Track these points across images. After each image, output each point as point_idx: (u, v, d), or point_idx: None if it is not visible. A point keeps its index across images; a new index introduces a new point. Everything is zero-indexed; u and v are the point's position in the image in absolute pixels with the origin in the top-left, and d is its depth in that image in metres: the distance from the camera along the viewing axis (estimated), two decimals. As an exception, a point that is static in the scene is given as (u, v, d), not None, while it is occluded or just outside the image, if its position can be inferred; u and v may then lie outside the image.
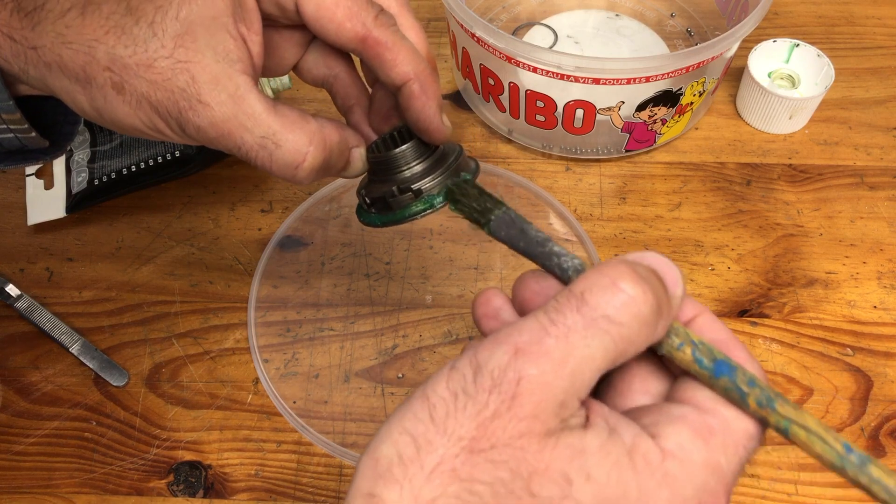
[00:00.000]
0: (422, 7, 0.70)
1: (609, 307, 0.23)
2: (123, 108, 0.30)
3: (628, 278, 0.24)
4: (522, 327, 0.23)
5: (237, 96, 0.30)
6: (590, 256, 0.53)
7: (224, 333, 0.51)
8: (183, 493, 0.45)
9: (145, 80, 0.30)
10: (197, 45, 0.29)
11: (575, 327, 0.23)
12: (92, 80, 0.30)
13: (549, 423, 0.22)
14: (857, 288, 0.52)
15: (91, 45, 0.29)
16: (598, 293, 0.24)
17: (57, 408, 0.48)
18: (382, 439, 0.23)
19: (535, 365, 0.22)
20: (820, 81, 0.60)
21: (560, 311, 0.23)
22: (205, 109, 0.30)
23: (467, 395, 0.23)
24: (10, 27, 0.30)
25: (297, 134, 0.31)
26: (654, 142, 0.58)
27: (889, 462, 0.45)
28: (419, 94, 0.32)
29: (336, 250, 0.55)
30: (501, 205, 0.30)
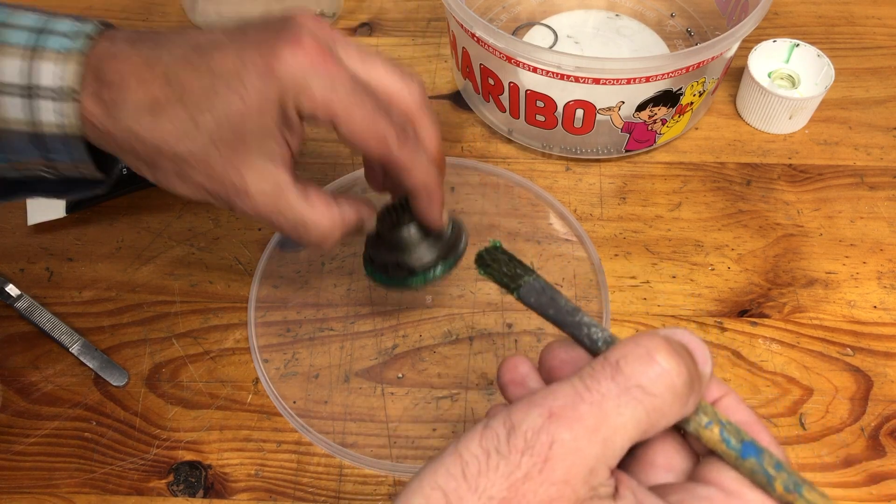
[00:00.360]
0: (422, 7, 0.70)
1: (644, 377, 0.24)
2: (182, 188, 0.37)
3: (664, 351, 0.25)
4: (557, 392, 0.24)
5: (278, 190, 0.36)
6: (589, 256, 0.53)
7: (224, 333, 0.51)
8: (183, 493, 0.45)
9: (202, 173, 0.35)
10: (248, 149, 0.35)
11: (609, 395, 0.24)
12: (158, 166, 0.36)
13: (579, 489, 0.23)
14: (857, 288, 0.52)
15: (159, 144, 0.35)
16: (633, 363, 0.24)
17: (57, 408, 0.48)
18: (413, 492, 0.24)
19: (568, 430, 0.23)
20: (820, 81, 0.60)
21: (595, 378, 0.24)
22: (250, 199, 0.36)
23: (500, 455, 0.23)
24: (92, 115, 0.34)
25: (323, 220, 0.38)
26: (654, 142, 0.58)
27: (889, 462, 0.45)
28: (426, 202, 0.40)
29: (336, 250, 0.55)
30: (531, 271, 0.32)
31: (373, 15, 0.69)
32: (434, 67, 0.65)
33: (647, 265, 0.54)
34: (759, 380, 0.49)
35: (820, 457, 0.46)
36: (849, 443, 0.46)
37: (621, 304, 0.52)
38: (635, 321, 0.51)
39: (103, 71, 0.34)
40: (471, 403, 0.48)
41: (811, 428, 0.47)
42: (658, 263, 0.54)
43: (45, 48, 0.34)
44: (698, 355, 0.26)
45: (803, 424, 0.47)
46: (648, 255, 0.54)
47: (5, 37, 0.34)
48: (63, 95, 0.34)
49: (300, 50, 0.34)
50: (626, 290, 0.52)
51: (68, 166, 0.37)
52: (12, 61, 0.34)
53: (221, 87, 0.34)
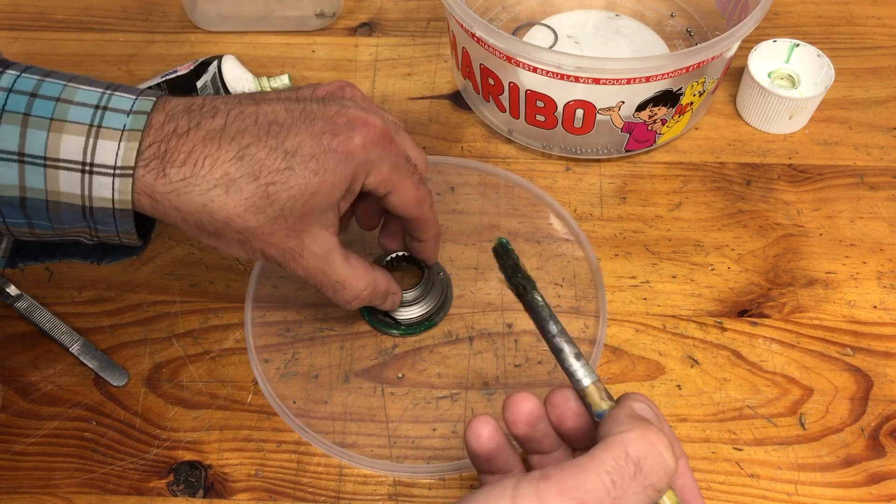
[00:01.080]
0: (422, 7, 0.70)
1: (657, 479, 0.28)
2: (238, 253, 0.39)
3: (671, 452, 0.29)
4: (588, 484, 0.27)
5: (326, 255, 0.40)
6: (587, 256, 0.53)
7: (224, 333, 0.51)
8: (183, 493, 0.45)
9: (266, 242, 0.38)
10: (311, 220, 0.39)
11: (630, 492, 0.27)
12: (222, 236, 0.38)
13: None
14: (857, 288, 0.52)
15: (231, 218, 0.37)
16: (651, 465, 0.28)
17: (57, 408, 0.48)
18: None
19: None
20: (820, 81, 0.60)
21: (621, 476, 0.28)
22: (303, 261, 0.40)
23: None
24: (153, 190, 0.36)
25: (360, 281, 0.42)
26: (654, 142, 0.58)
27: (889, 462, 0.45)
28: (432, 247, 0.47)
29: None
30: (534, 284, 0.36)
31: (373, 15, 0.69)
32: (434, 67, 0.65)
33: (647, 265, 0.54)
34: (759, 380, 0.49)
35: (820, 457, 0.46)
36: (849, 443, 0.46)
37: (621, 303, 0.52)
38: (635, 321, 0.51)
39: (169, 151, 0.36)
40: (471, 403, 0.48)
41: (811, 428, 0.47)
42: (658, 263, 0.54)
43: (104, 126, 0.35)
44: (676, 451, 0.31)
45: (803, 424, 0.47)
46: (648, 255, 0.54)
47: (68, 114, 0.35)
48: (120, 172, 0.35)
49: (371, 132, 0.38)
50: (626, 290, 0.52)
51: (111, 235, 0.38)
52: (75, 139, 0.35)
53: (298, 166, 0.37)
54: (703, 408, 0.48)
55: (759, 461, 0.46)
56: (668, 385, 0.48)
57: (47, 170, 0.35)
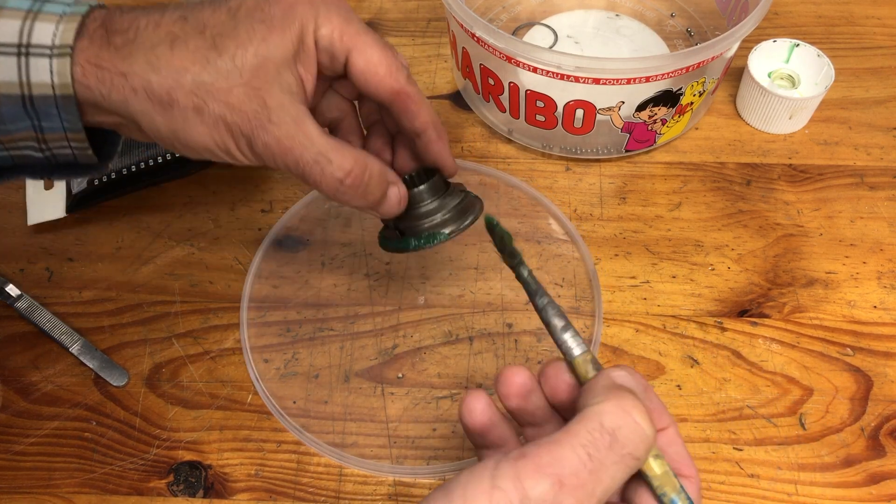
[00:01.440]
0: (422, 7, 0.70)
1: (634, 447, 0.28)
2: (201, 129, 0.35)
3: (647, 419, 0.29)
4: (564, 460, 0.27)
5: (298, 120, 0.36)
6: (583, 256, 0.53)
7: (224, 333, 0.51)
8: (183, 493, 0.45)
9: (224, 103, 0.35)
10: (268, 77, 0.35)
11: (607, 462, 0.28)
12: (175, 102, 0.35)
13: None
14: (857, 288, 0.52)
15: (179, 73, 0.34)
16: (626, 434, 0.28)
17: (57, 408, 0.48)
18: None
19: (574, 498, 0.27)
20: (820, 81, 0.60)
21: (596, 448, 0.28)
22: (273, 128, 0.35)
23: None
24: (99, 58, 0.34)
25: (345, 154, 0.37)
26: (654, 142, 0.58)
27: (889, 462, 0.45)
28: (436, 140, 0.41)
29: (336, 250, 0.55)
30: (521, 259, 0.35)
31: (373, 15, 0.69)
32: (434, 67, 0.65)
33: (647, 265, 0.54)
34: (759, 380, 0.49)
35: (820, 457, 0.46)
36: (849, 443, 0.46)
37: (621, 304, 0.52)
38: (635, 321, 0.51)
39: (113, 21, 0.34)
40: (471, 403, 0.48)
41: (811, 428, 0.47)
42: (658, 263, 0.54)
43: (44, 11, 0.34)
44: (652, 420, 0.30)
45: (803, 424, 0.47)
46: (648, 255, 0.54)
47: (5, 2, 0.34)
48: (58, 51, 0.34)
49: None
50: (626, 290, 0.52)
51: (59, 139, 0.36)
52: (10, 22, 0.34)
53: (243, 17, 0.35)
54: (703, 408, 0.48)
55: (759, 461, 0.46)
56: (668, 385, 0.48)
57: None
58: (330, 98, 0.43)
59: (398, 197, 0.41)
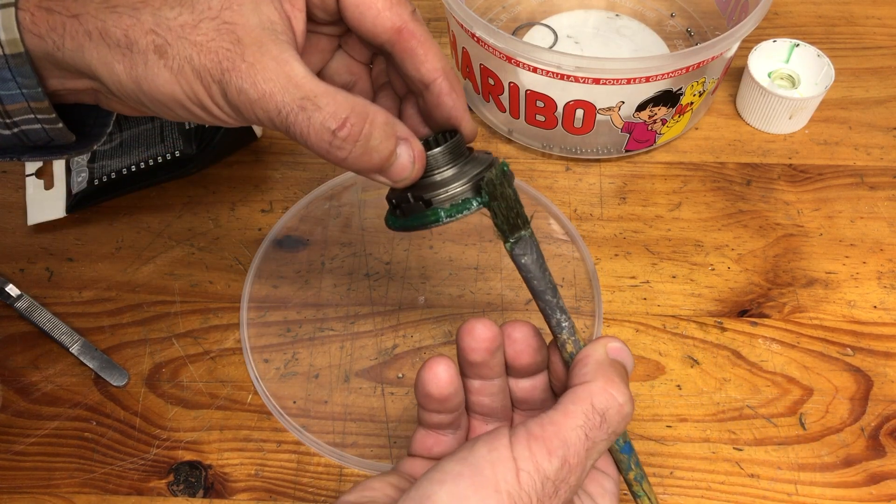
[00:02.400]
0: (422, 7, 0.70)
1: (617, 425, 0.31)
2: (164, 74, 0.30)
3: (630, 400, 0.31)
4: (569, 441, 0.29)
5: (280, 60, 0.30)
6: (582, 256, 0.53)
7: (224, 333, 0.51)
8: (183, 493, 0.45)
9: (189, 41, 0.29)
10: (243, 10, 0.30)
11: (597, 441, 0.30)
12: (134, 44, 0.29)
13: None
14: (857, 288, 0.52)
15: (136, 8, 0.29)
16: (614, 415, 0.30)
17: (57, 408, 0.48)
18: None
19: (575, 475, 0.29)
20: (820, 81, 0.60)
21: (591, 428, 0.30)
22: (249, 69, 0.29)
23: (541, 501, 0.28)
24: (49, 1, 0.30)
25: (339, 99, 0.30)
26: (654, 142, 0.58)
27: (889, 462, 0.45)
28: (449, 91, 0.33)
29: (336, 250, 0.55)
30: (528, 224, 0.32)
31: (373, 15, 0.69)
32: (434, 67, 0.65)
33: (647, 265, 0.54)
34: (759, 380, 0.49)
35: (820, 457, 0.46)
36: (849, 443, 0.46)
37: (621, 303, 0.52)
38: (635, 321, 0.51)
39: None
40: (471, 403, 0.48)
41: (811, 428, 0.47)
42: (658, 263, 0.54)
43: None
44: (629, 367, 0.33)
45: (803, 424, 0.47)
46: (648, 255, 0.54)
47: None
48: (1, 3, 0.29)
49: None
50: (626, 290, 0.52)
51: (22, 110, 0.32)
52: None
53: None
54: (703, 408, 0.48)
55: (759, 461, 0.46)
56: (668, 385, 0.48)
57: None
58: (339, 60, 0.37)
59: (411, 156, 0.32)
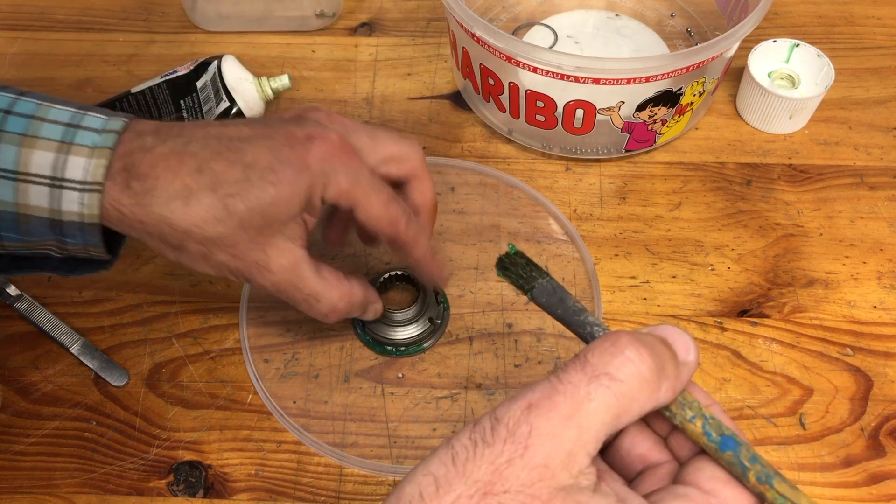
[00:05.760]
0: (422, 7, 0.70)
1: (609, 366, 0.26)
2: (205, 267, 0.39)
3: (627, 342, 0.27)
4: (535, 387, 0.26)
5: (295, 266, 0.40)
6: (582, 256, 0.53)
7: (224, 333, 0.51)
8: (183, 493, 0.45)
9: (228, 254, 0.38)
10: (272, 232, 0.39)
11: (580, 384, 0.26)
12: (185, 249, 0.38)
13: (558, 474, 0.25)
14: (857, 288, 0.52)
15: (190, 228, 0.37)
16: (598, 354, 0.27)
17: (57, 408, 0.48)
18: (408, 480, 0.26)
19: (545, 419, 0.25)
20: (820, 81, 0.60)
21: (567, 371, 0.27)
22: (271, 275, 0.40)
23: (486, 444, 0.25)
24: (120, 203, 0.37)
25: (333, 293, 0.42)
26: (654, 142, 0.58)
27: (889, 462, 0.45)
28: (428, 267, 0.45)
29: (336, 250, 0.55)
30: (545, 273, 0.34)
31: (373, 15, 0.69)
32: (434, 67, 0.65)
33: (647, 265, 0.54)
34: (759, 380, 0.49)
35: (820, 457, 0.46)
36: (849, 443, 0.46)
37: (621, 304, 0.52)
38: (635, 321, 0.51)
39: (134, 165, 0.37)
40: (471, 403, 0.48)
41: (811, 428, 0.47)
42: (658, 263, 0.54)
43: (75, 143, 0.36)
44: (678, 345, 0.29)
45: (803, 424, 0.47)
46: (648, 255, 0.54)
47: (40, 131, 0.36)
48: (88, 187, 0.36)
49: (328, 146, 0.39)
50: (626, 290, 0.52)
51: (79, 249, 0.39)
52: (45, 154, 0.36)
53: (255, 178, 0.37)
54: (703, 408, 0.48)
55: (759, 461, 0.46)
56: (668, 385, 0.48)
57: (18, 183, 0.36)
58: None
59: (376, 312, 0.46)
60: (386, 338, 0.49)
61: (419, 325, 0.50)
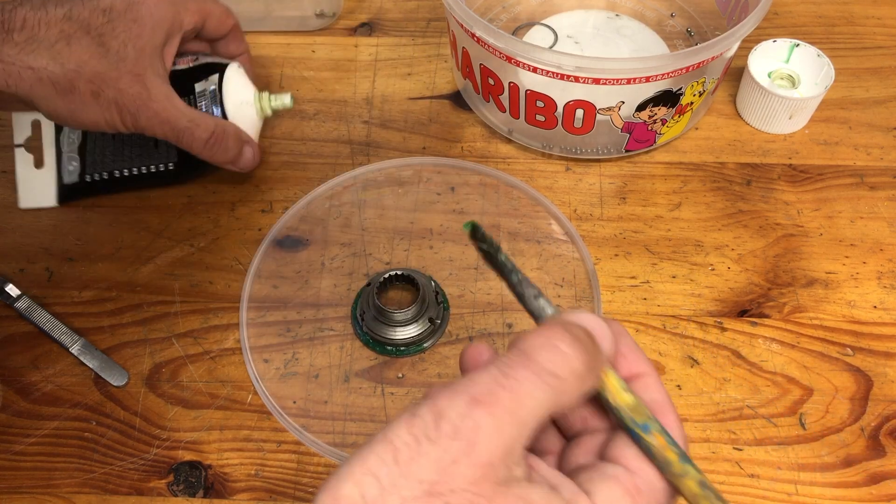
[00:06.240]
0: (422, 7, 0.70)
1: (551, 364, 0.26)
2: (95, 110, 0.45)
3: (565, 339, 0.27)
4: (478, 380, 0.26)
5: (170, 97, 0.48)
6: (582, 256, 0.53)
7: (224, 333, 0.51)
8: (183, 493, 0.45)
9: (116, 88, 0.45)
10: (145, 65, 0.47)
11: (524, 381, 0.26)
12: (75, 89, 0.44)
13: (499, 470, 0.25)
14: (857, 288, 0.52)
15: (80, 65, 0.44)
16: (541, 352, 0.27)
17: (57, 408, 0.48)
18: (344, 479, 0.24)
19: (490, 415, 0.25)
20: (820, 81, 0.60)
21: (511, 367, 0.26)
22: (154, 105, 0.47)
23: (430, 441, 0.25)
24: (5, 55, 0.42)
25: (209, 119, 0.50)
26: (654, 142, 0.58)
27: (889, 462, 0.45)
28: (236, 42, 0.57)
29: (336, 250, 0.55)
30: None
31: (373, 15, 0.69)
32: (434, 67, 0.65)
33: (647, 265, 0.54)
34: (759, 380, 0.49)
35: (820, 457, 0.46)
36: (849, 443, 0.46)
37: (621, 303, 0.52)
38: (635, 321, 0.51)
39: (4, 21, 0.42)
40: (471, 403, 0.48)
41: (811, 428, 0.47)
42: (658, 263, 0.54)
43: None
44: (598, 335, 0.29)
45: (803, 424, 0.47)
46: (648, 255, 0.54)
47: None
48: None
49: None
50: (626, 290, 0.52)
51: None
52: None
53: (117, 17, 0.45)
54: (703, 408, 0.48)
55: (759, 461, 0.46)
56: (668, 385, 0.48)
57: None
58: None
59: (252, 153, 0.54)
60: (386, 338, 0.49)
61: (419, 325, 0.50)
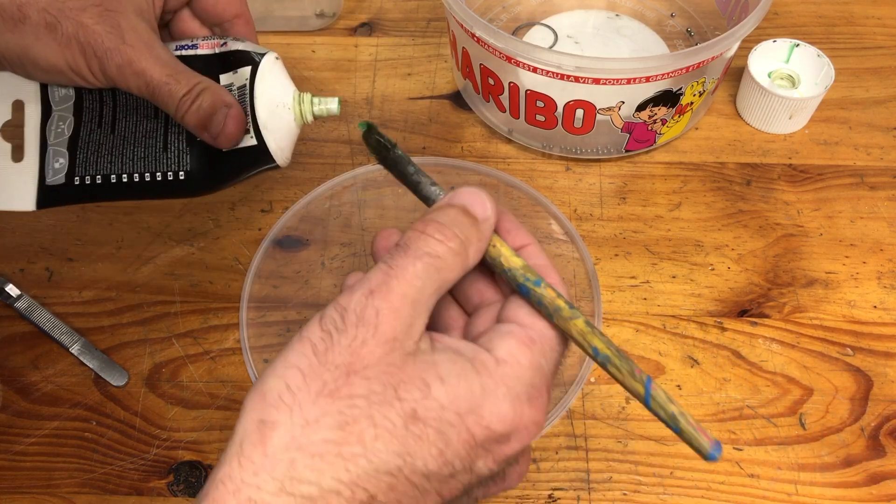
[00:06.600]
0: (422, 7, 0.70)
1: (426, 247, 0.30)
2: (52, 46, 0.37)
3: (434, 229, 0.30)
4: (371, 276, 0.29)
5: (150, 44, 0.39)
6: (582, 256, 0.53)
7: (224, 333, 0.51)
8: (183, 493, 0.45)
9: (77, 21, 0.36)
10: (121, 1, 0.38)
11: (407, 266, 0.29)
12: (27, 18, 0.36)
13: (405, 343, 0.28)
14: (857, 288, 0.52)
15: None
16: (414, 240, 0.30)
17: (57, 408, 0.48)
18: (269, 375, 0.28)
19: (386, 300, 0.28)
20: (820, 81, 0.60)
21: (394, 258, 0.29)
22: (127, 50, 0.38)
23: (340, 332, 0.28)
24: None
25: (190, 76, 0.40)
26: (654, 142, 0.58)
27: (889, 462, 0.45)
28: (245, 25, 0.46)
29: (336, 250, 0.55)
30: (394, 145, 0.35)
31: (373, 15, 0.69)
32: (434, 67, 0.65)
33: (647, 265, 0.54)
34: (759, 380, 0.49)
35: (820, 457, 0.46)
36: (849, 443, 0.46)
37: (621, 303, 0.52)
38: (635, 321, 0.51)
39: None
40: (471, 403, 0.48)
41: (811, 428, 0.47)
42: (658, 263, 0.54)
43: None
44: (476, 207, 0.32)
45: (803, 424, 0.47)
46: (648, 255, 0.54)
47: None
48: None
49: None
50: (626, 290, 0.52)
51: None
52: None
53: None
54: (703, 408, 0.48)
55: (759, 461, 0.46)
56: (668, 385, 0.48)
57: None
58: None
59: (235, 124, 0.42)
60: None
61: None
